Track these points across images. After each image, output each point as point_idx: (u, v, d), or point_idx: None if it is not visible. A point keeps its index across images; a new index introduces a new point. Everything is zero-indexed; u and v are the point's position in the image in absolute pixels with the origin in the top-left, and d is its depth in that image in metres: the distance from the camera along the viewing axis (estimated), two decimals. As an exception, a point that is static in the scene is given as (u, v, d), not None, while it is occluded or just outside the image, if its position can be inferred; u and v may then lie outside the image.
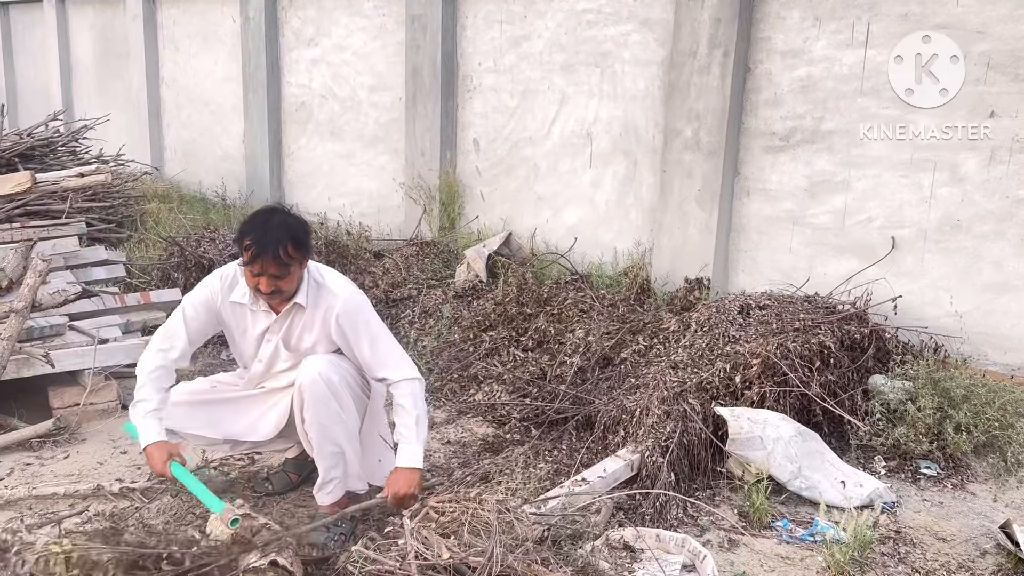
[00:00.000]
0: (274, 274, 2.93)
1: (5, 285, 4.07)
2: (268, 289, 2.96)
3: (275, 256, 2.88)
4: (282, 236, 2.90)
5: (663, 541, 3.05)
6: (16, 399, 4.11)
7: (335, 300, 3.06)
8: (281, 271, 2.93)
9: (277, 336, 3.15)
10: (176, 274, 5.54)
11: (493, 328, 5.07)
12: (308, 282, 3.08)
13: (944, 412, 3.86)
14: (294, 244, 2.92)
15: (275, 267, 2.91)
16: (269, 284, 2.95)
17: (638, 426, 3.73)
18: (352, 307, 3.06)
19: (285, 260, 2.91)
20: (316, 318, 3.08)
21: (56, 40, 12.01)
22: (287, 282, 2.98)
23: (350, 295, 3.09)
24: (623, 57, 5.96)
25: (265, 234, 2.90)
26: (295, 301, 3.07)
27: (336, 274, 3.20)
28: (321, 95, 8.38)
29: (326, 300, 3.07)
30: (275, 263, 2.90)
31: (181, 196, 8.87)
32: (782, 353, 3.98)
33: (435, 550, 2.26)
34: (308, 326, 3.10)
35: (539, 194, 6.58)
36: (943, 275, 4.72)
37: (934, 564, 3.08)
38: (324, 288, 3.09)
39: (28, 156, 7.07)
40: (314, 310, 3.08)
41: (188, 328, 3.14)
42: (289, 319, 3.11)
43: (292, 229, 2.96)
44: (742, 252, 5.50)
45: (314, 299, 3.07)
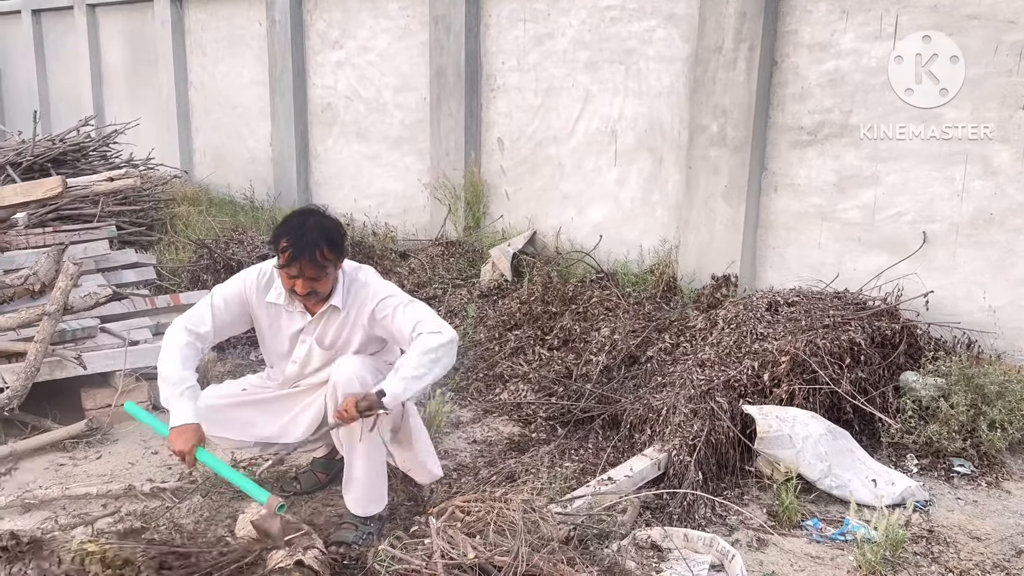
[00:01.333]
0: (311, 276, 2.93)
1: (37, 289, 4.13)
2: (304, 291, 2.97)
3: (311, 259, 2.89)
4: (318, 238, 2.90)
5: (691, 541, 3.03)
6: (49, 401, 4.17)
7: (367, 291, 3.07)
8: (318, 273, 2.93)
9: (311, 337, 3.15)
10: (205, 276, 5.60)
11: (518, 327, 5.07)
12: (343, 283, 3.09)
13: (978, 409, 3.79)
14: (330, 246, 2.93)
15: (312, 269, 2.91)
16: (305, 286, 2.95)
17: (665, 425, 3.70)
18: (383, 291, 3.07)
19: (321, 262, 2.91)
20: (351, 316, 3.09)
21: (87, 46, 12.18)
22: (323, 284, 2.99)
23: (379, 283, 3.11)
24: (647, 54, 5.92)
25: (301, 236, 2.89)
26: (331, 303, 3.07)
27: (367, 270, 3.20)
28: (347, 97, 8.43)
29: (360, 295, 3.08)
30: (312, 265, 2.90)
31: (210, 199, 8.96)
32: (811, 350, 3.93)
33: (461, 549, 2.26)
34: (343, 325, 3.11)
35: (564, 192, 6.56)
36: (976, 269, 4.64)
37: (968, 564, 3.02)
38: (356, 283, 3.09)
39: (60, 161, 7.19)
40: (349, 309, 3.09)
41: (215, 318, 3.12)
42: (324, 319, 3.12)
43: (328, 231, 2.96)
44: (770, 248, 5.45)
45: (350, 299, 3.08)
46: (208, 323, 3.11)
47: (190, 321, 3.10)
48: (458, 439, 4.07)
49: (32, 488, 3.51)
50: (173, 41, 10.51)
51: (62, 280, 3.83)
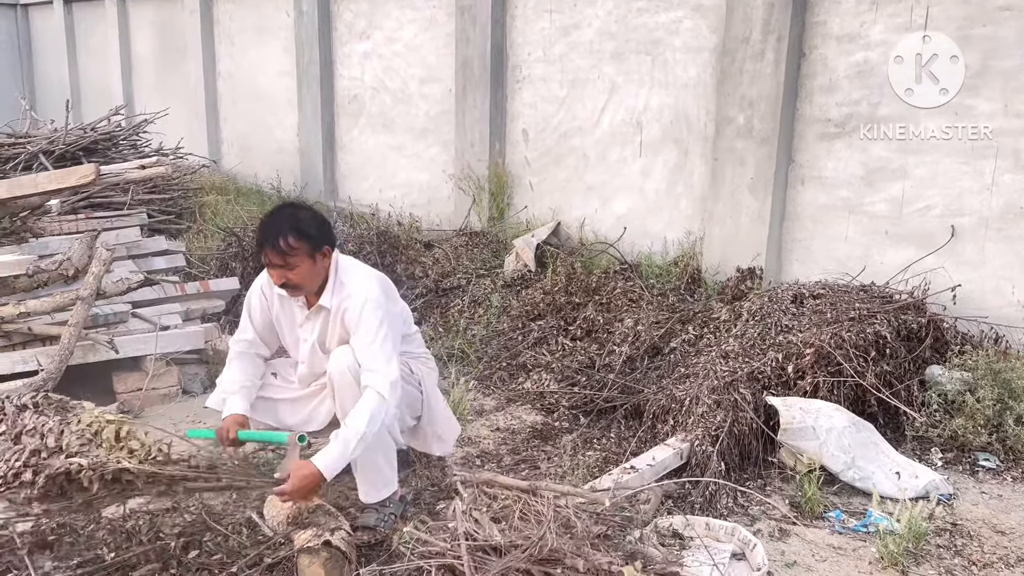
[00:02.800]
0: (278, 264, 2.93)
1: (71, 274, 4.21)
2: (278, 281, 2.98)
3: (274, 246, 2.89)
4: (283, 227, 2.91)
5: (713, 529, 3.04)
6: (81, 383, 4.25)
7: (349, 301, 3.03)
8: (283, 261, 2.91)
9: (312, 337, 3.16)
10: (234, 264, 5.68)
11: (542, 317, 5.09)
12: (334, 283, 3.07)
13: (1004, 404, 3.77)
14: (296, 234, 2.91)
15: (277, 256, 2.91)
16: (279, 276, 2.96)
17: (688, 415, 3.72)
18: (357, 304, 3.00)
19: (285, 249, 2.90)
20: (342, 320, 3.07)
21: (117, 37, 12.33)
22: (296, 274, 2.95)
23: (365, 300, 3.00)
24: (674, 44, 5.90)
25: (268, 225, 2.95)
26: (320, 303, 3.08)
27: (361, 273, 3.14)
28: (373, 88, 8.47)
29: (345, 302, 3.05)
30: (275, 252, 2.90)
31: (238, 188, 9.05)
32: (836, 343, 3.92)
33: (487, 531, 2.29)
34: (334, 326, 3.11)
35: (588, 184, 6.57)
36: (1005, 264, 4.60)
37: (992, 557, 3.02)
38: (344, 290, 3.06)
39: (91, 150, 7.29)
40: (338, 313, 3.07)
41: (252, 321, 3.23)
42: (320, 319, 3.13)
43: (297, 220, 2.95)
44: (796, 241, 5.43)
45: (336, 303, 3.07)
46: (249, 328, 3.23)
47: (238, 331, 3.26)
48: (481, 427, 4.10)
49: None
50: (202, 31, 10.61)
51: (95, 266, 3.90)
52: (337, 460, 2.83)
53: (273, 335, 3.29)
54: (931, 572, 2.91)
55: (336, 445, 2.83)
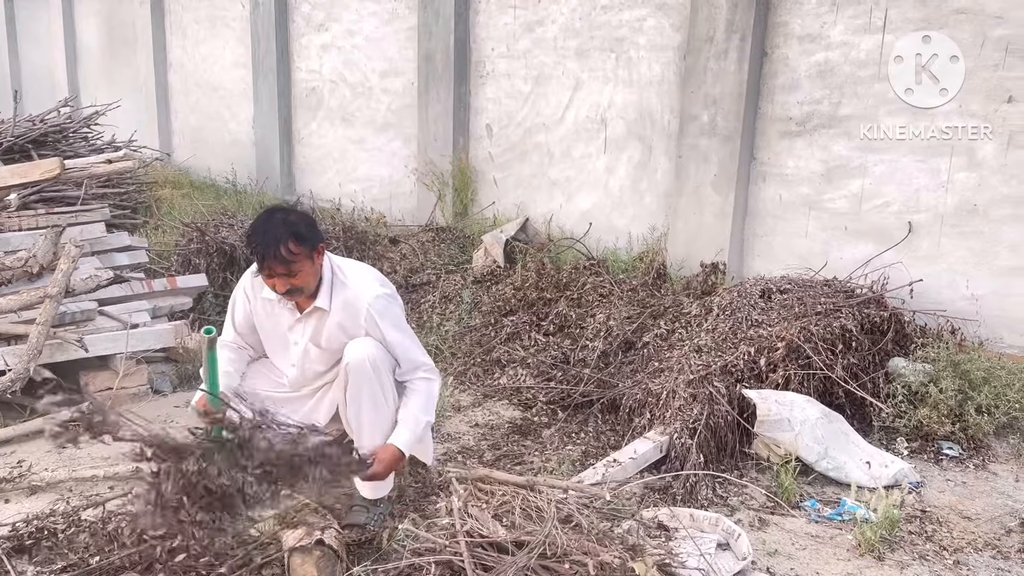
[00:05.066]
0: (283, 273, 2.89)
1: (36, 271, 4.10)
2: (284, 289, 2.94)
3: (276, 255, 2.85)
4: (281, 234, 2.86)
5: (697, 520, 3.11)
6: (47, 383, 4.15)
7: (360, 304, 3.02)
8: (288, 269, 2.89)
9: (304, 339, 3.12)
10: (197, 260, 5.57)
11: (513, 313, 5.12)
12: (330, 282, 3.05)
13: (965, 394, 3.92)
14: (296, 239, 2.88)
15: (281, 266, 2.87)
16: (283, 284, 2.92)
17: (665, 409, 3.79)
18: (376, 311, 3.02)
19: (288, 258, 2.87)
20: (343, 320, 3.05)
21: (62, 26, 11.98)
22: (300, 279, 2.94)
23: (375, 299, 3.03)
24: (638, 42, 5.98)
25: (264, 236, 2.87)
26: (316, 305, 3.04)
27: (360, 271, 3.14)
28: (332, 81, 8.39)
29: (352, 305, 3.03)
30: (279, 263, 2.86)
31: (191, 182, 8.89)
32: (805, 336, 4.04)
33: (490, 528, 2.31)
34: (335, 326, 3.07)
35: (553, 180, 6.62)
36: (960, 259, 4.77)
37: (961, 542, 3.15)
38: (348, 290, 3.05)
39: (40, 142, 7.05)
40: (338, 313, 3.05)
41: (235, 323, 3.21)
42: (314, 321, 3.09)
43: (291, 225, 2.91)
44: (758, 237, 5.55)
45: (337, 303, 3.04)
46: (231, 330, 3.22)
47: (223, 333, 3.22)
48: (460, 423, 4.12)
49: (38, 471, 3.51)
50: (152, 21, 10.39)
51: (64, 262, 3.81)
52: (411, 440, 3.00)
53: (253, 337, 3.25)
54: (906, 557, 3.03)
55: (407, 427, 3.00)
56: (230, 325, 3.22)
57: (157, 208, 7.20)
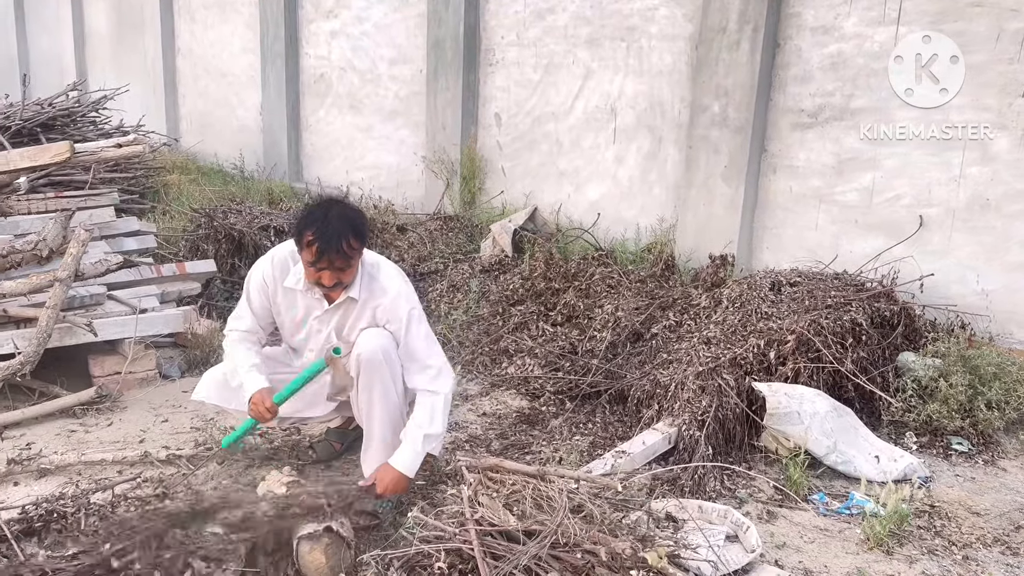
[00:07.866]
0: (339, 267, 2.94)
1: (46, 255, 4.10)
2: (331, 282, 2.97)
3: (339, 250, 2.88)
4: (344, 229, 2.89)
5: (705, 512, 3.11)
6: (54, 367, 4.16)
7: (384, 298, 3.08)
8: (345, 263, 2.94)
9: (328, 327, 3.16)
10: (205, 245, 5.57)
11: (521, 303, 5.11)
12: (362, 274, 3.09)
13: (975, 389, 3.91)
14: (355, 235, 2.93)
15: (340, 260, 2.91)
16: (332, 277, 2.96)
17: (673, 400, 3.78)
18: (398, 312, 3.07)
19: (349, 253, 2.92)
20: (367, 311, 3.10)
21: (71, 10, 11.94)
22: (349, 274, 3.00)
23: (398, 295, 3.09)
24: (650, 32, 5.94)
25: (327, 228, 2.88)
26: (349, 295, 3.08)
27: (389, 266, 3.20)
28: (340, 67, 8.36)
29: (376, 297, 3.08)
30: (339, 256, 2.90)
31: (199, 168, 8.87)
32: (815, 330, 4.02)
33: (501, 516, 2.31)
34: (359, 317, 3.12)
35: (561, 169, 6.59)
36: (971, 254, 4.75)
37: (970, 537, 3.14)
38: (376, 283, 3.09)
39: (48, 126, 7.05)
40: (365, 304, 3.10)
41: (252, 310, 3.23)
42: (341, 310, 3.13)
43: (352, 221, 2.95)
44: (767, 229, 5.53)
45: (367, 293, 3.09)
46: (247, 316, 3.23)
47: (234, 319, 3.26)
48: (467, 412, 4.12)
49: (47, 454, 3.52)
50: (161, 6, 10.35)
51: (73, 246, 3.81)
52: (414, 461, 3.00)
53: (269, 322, 3.27)
54: (914, 552, 3.02)
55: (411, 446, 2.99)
56: (247, 311, 3.22)
57: (165, 193, 7.19)
